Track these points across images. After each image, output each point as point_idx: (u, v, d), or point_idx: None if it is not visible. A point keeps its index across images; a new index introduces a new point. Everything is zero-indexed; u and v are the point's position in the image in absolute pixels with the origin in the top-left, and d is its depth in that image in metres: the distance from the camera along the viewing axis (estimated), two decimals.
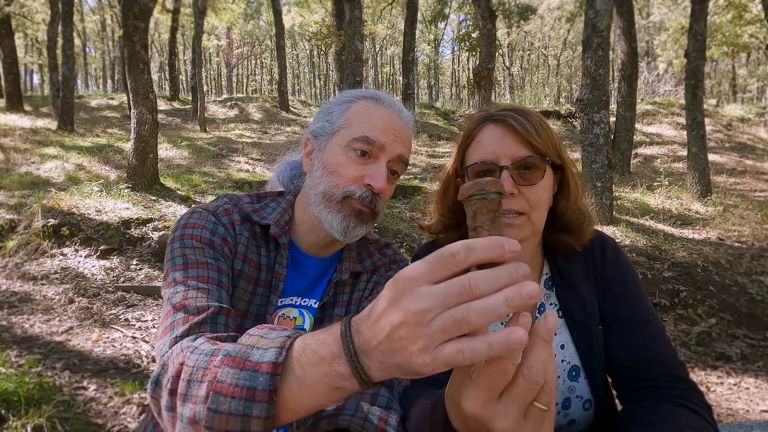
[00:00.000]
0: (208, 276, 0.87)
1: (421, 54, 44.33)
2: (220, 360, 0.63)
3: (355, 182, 0.96)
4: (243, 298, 0.97)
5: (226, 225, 0.98)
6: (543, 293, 1.11)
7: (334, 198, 0.96)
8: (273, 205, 1.06)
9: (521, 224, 0.99)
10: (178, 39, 23.18)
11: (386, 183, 0.97)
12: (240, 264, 0.97)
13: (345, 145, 0.97)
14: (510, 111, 1.03)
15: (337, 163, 0.97)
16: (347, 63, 6.14)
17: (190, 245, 0.91)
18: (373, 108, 1.00)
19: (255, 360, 0.59)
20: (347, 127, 0.98)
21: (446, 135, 15.19)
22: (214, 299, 0.84)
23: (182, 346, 0.71)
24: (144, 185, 6.87)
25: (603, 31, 6.12)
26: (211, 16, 20.54)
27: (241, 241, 0.98)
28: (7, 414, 2.41)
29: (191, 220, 0.96)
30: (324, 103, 1.10)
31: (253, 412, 0.57)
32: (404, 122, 1.02)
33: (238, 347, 0.62)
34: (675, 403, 0.92)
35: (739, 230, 6.44)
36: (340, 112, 1.01)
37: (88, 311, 3.98)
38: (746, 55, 30.00)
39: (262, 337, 0.62)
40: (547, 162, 1.00)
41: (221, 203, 1.02)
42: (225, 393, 0.59)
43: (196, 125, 14.35)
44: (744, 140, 15.61)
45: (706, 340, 3.91)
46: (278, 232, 1.01)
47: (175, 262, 0.89)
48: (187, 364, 0.66)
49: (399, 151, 0.99)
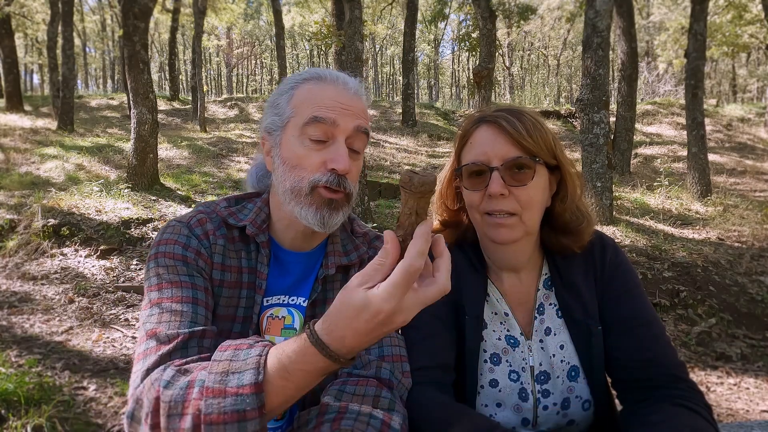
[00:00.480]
0: (182, 295, 0.86)
1: (421, 54, 44.32)
2: (198, 392, 0.67)
3: (318, 170, 0.93)
4: (230, 304, 0.96)
5: (199, 236, 0.96)
6: (542, 293, 1.11)
7: (302, 192, 0.93)
8: (250, 206, 1.05)
9: (512, 224, 1.00)
10: (178, 39, 23.18)
11: (349, 163, 0.93)
12: (219, 273, 0.95)
13: (298, 135, 0.94)
14: (503, 112, 1.03)
15: (295, 156, 0.94)
16: (347, 63, 6.13)
17: (164, 264, 0.90)
18: (315, 88, 0.96)
19: (235, 385, 0.65)
20: (295, 116, 0.95)
21: (446, 135, 15.18)
22: (186, 322, 0.83)
23: (152, 379, 0.73)
24: (144, 185, 6.87)
25: (603, 31, 6.11)
26: (211, 16, 20.53)
27: (216, 251, 0.96)
28: (7, 414, 2.41)
29: (164, 236, 0.95)
30: (270, 95, 1.07)
31: (249, 429, 0.64)
32: (352, 93, 0.98)
33: (212, 377, 0.67)
34: (675, 403, 0.92)
35: (739, 230, 6.44)
36: (285, 102, 0.98)
37: (88, 311, 3.98)
38: (746, 55, 30.00)
39: (231, 361, 0.68)
40: (537, 162, 1.00)
41: (195, 213, 1.00)
42: (216, 422, 0.64)
43: (196, 125, 14.35)
44: (744, 140, 15.61)
45: (706, 340, 3.91)
46: (255, 231, 0.99)
47: (150, 283, 0.89)
48: (163, 400, 0.69)
49: (354, 123, 0.95)
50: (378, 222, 6.17)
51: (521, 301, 1.10)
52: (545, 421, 1.04)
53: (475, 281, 1.09)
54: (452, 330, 1.06)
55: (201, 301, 0.88)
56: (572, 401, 1.04)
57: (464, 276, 1.09)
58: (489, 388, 1.05)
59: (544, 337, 1.07)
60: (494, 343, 1.08)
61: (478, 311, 1.07)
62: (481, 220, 1.03)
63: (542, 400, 1.04)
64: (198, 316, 0.85)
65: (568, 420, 1.04)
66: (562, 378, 1.04)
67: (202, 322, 0.85)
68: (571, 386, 1.04)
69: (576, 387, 1.04)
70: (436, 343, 1.02)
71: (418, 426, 0.87)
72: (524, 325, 1.09)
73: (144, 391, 0.73)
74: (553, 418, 1.04)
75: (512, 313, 1.09)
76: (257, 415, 0.64)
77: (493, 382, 1.05)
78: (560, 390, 1.04)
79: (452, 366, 1.03)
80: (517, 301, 1.10)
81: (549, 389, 1.04)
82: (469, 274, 1.10)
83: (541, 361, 1.06)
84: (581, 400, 1.04)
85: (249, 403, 0.64)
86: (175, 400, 0.68)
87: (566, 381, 1.04)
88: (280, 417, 0.98)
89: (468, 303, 1.07)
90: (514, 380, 1.05)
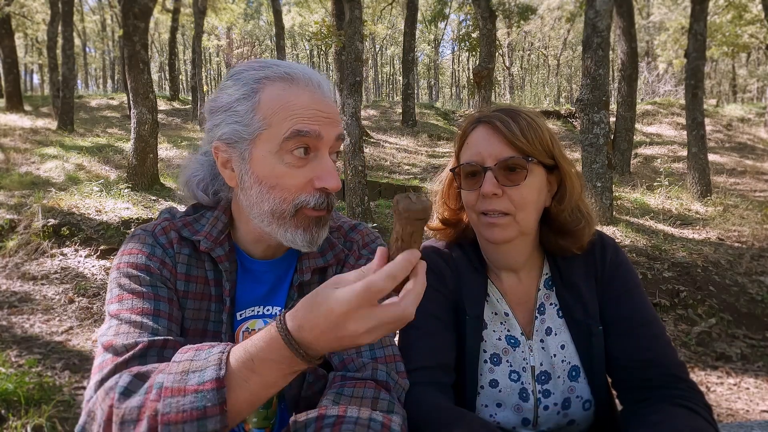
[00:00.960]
0: (142, 307, 0.80)
1: (421, 54, 44.31)
2: (156, 394, 0.64)
3: (304, 190, 0.83)
4: (198, 317, 0.89)
5: (164, 245, 0.90)
6: (543, 293, 1.10)
7: (285, 214, 0.84)
8: (208, 215, 0.95)
9: (505, 224, 1.00)
10: (178, 39, 23.17)
11: (338, 178, 0.86)
12: (183, 284, 0.89)
13: (276, 151, 0.82)
14: (499, 112, 1.04)
15: (275, 175, 0.83)
16: (347, 63, 6.13)
17: (126, 274, 0.84)
18: (287, 94, 0.83)
19: (195, 383, 0.62)
20: (269, 128, 0.82)
21: (446, 135, 15.19)
22: (146, 333, 0.77)
23: (106, 389, 0.68)
24: (144, 185, 6.87)
25: (603, 31, 6.11)
26: (211, 16, 20.53)
27: (180, 260, 0.90)
28: (7, 414, 2.41)
29: (128, 246, 0.89)
30: (216, 95, 0.90)
31: (209, 428, 0.61)
32: (328, 97, 0.88)
33: (171, 377, 0.64)
34: (675, 404, 0.92)
35: (739, 230, 6.44)
36: (249, 110, 0.84)
37: (88, 311, 3.98)
38: (746, 55, 30.00)
39: (192, 361, 0.65)
40: (530, 162, 1.00)
41: (160, 220, 0.94)
42: (174, 421, 0.61)
43: (196, 125, 14.36)
44: (744, 140, 15.61)
45: (706, 340, 3.91)
46: (209, 246, 0.90)
47: (111, 295, 0.84)
48: (117, 407, 0.65)
49: (335, 133, 0.86)
50: (378, 222, 6.17)
51: (521, 301, 1.10)
52: (546, 421, 1.04)
53: (475, 281, 1.09)
54: (452, 330, 1.06)
55: (163, 313, 0.82)
56: (573, 401, 1.04)
57: (464, 275, 1.09)
58: (489, 389, 1.05)
59: (545, 337, 1.07)
60: (494, 343, 1.08)
61: (478, 311, 1.07)
62: (477, 219, 1.04)
63: (543, 400, 1.04)
64: (159, 329, 0.79)
65: (569, 420, 1.04)
66: (563, 378, 1.04)
67: (164, 333, 0.79)
68: (571, 386, 1.04)
69: (577, 387, 1.04)
70: (436, 342, 1.02)
71: (417, 427, 0.87)
72: (525, 325, 1.09)
73: (98, 402, 0.68)
74: (554, 418, 1.04)
75: (512, 313, 1.09)
76: (218, 412, 0.61)
77: (493, 383, 1.05)
78: (561, 390, 1.04)
79: (452, 366, 1.03)
80: (517, 300, 1.10)
81: (550, 389, 1.04)
82: (470, 274, 1.10)
83: (542, 361, 1.06)
84: (582, 400, 1.04)
85: (209, 399, 0.61)
86: (131, 405, 0.64)
87: (567, 381, 1.04)
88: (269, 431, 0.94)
89: (468, 303, 1.06)
90: (514, 380, 1.05)
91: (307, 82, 0.86)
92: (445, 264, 1.10)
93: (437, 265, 1.10)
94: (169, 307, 0.84)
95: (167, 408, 0.62)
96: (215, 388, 0.61)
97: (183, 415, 0.61)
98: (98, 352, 0.77)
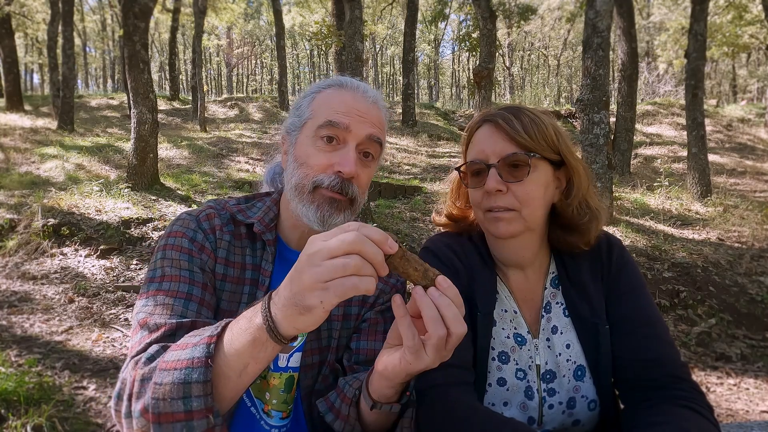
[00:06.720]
0: (177, 290, 0.88)
1: (421, 54, 44.29)
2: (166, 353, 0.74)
3: (324, 171, 0.95)
4: (233, 299, 0.97)
5: (206, 231, 0.98)
6: (549, 292, 1.10)
7: (305, 189, 0.95)
8: (259, 205, 1.07)
9: (510, 218, 1.00)
10: (178, 39, 23.16)
11: (356, 167, 0.95)
12: (222, 268, 0.97)
13: (312, 135, 0.97)
14: (503, 110, 1.05)
15: (305, 154, 0.97)
16: (347, 63, 6.13)
17: (169, 256, 0.93)
18: (335, 94, 1.00)
19: (194, 342, 0.72)
20: (313, 118, 0.98)
21: (446, 135, 15.19)
22: (176, 315, 0.85)
23: (136, 359, 0.78)
24: (144, 185, 6.87)
25: (603, 32, 6.11)
26: (212, 15, 20.53)
27: (221, 246, 0.98)
28: (7, 414, 2.41)
29: (174, 228, 0.97)
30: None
31: (193, 377, 0.68)
32: (370, 102, 1.00)
33: (184, 340, 0.74)
34: (678, 404, 0.91)
35: (739, 231, 6.44)
36: (306, 105, 1.01)
37: (88, 311, 3.98)
38: (746, 55, 30.01)
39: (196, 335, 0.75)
40: (533, 158, 1.00)
41: (206, 208, 1.03)
42: (168, 368, 0.70)
43: (196, 125, 14.34)
44: (744, 141, 15.62)
45: (706, 340, 3.91)
46: (262, 229, 1.01)
47: (153, 274, 0.92)
48: (141, 368, 0.75)
49: (367, 132, 0.96)
50: (378, 222, 6.17)
51: (527, 299, 1.10)
52: (551, 420, 1.04)
53: (486, 277, 1.09)
54: (470, 328, 1.06)
55: (195, 297, 0.89)
56: (578, 401, 1.04)
57: (476, 270, 1.09)
58: (497, 387, 1.05)
59: (551, 336, 1.07)
60: (503, 341, 1.07)
61: (489, 308, 1.06)
62: (483, 217, 1.04)
63: (548, 398, 1.03)
64: (188, 312, 0.87)
65: (574, 420, 1.04)
66: (568, 377, 1.04)
67: (192, 316, 0.87)
68: (577, 385, 1.04)
69: (582, 386, 1.04)
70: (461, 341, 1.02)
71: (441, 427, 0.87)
72: (531, 323, 1.09)
73: (128, 370, 0.77)
74: (559, 417, 1.04)
75: (520, 311, 1.09)
76: (203, 364, 0.68)
77: (501, 381, 1.05)
78: (566, 389, 1.04)
79: (472, 364, 1.03)
80: (524, 298, 1.10)
81: (555, 388, 1.04)
82: (480, 270, 1.10)
83: (547, 359, 1.06)
84: (587, 399, 1.04)
85: (199, 351, 0.69)
86: (150, 367, 0.74)
87: (572, 380, 1.04)
88: (286, 415, 0.98)
89: (480, 299, 1.06)
90: (520, 378, 1.05)
91: (355, 89, 1.01)
92: (457, 260, 1.11)
93: (450, 261, 1.10)
94: (201, 292, 0.91)
95: (168, 357, 0.72)
96: (206, 343, 0.70)
97: (175, 364, 0.70)
98: (135, 329, 0.86)
